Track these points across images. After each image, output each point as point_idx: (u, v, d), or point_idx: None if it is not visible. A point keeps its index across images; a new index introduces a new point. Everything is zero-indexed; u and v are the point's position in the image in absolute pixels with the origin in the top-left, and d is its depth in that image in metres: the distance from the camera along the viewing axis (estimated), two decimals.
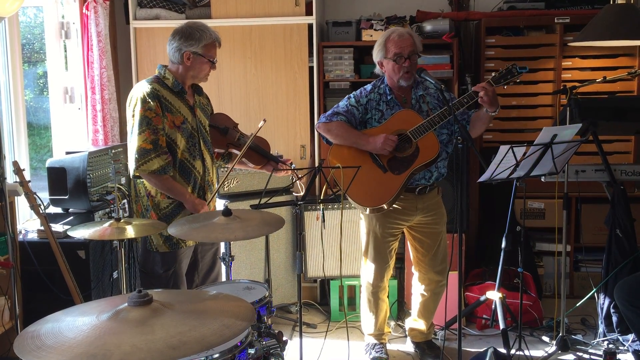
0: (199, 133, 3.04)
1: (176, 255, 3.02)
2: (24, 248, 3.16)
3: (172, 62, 2.98)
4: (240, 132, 3.27)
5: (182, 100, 2.98)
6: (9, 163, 3.01)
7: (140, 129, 2.83)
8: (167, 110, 2.89)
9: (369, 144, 3.15)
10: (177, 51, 2.93)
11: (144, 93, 2.86)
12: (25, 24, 4.08)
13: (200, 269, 3.21)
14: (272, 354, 2.40)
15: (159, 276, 3.00)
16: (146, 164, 2.84)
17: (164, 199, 2.96)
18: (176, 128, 2.91)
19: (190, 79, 3.01)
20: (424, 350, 3.55)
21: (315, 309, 4.31)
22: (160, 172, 2.86)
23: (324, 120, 3.25)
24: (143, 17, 4.31)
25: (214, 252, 3.25)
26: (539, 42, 4.35)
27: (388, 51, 3.16)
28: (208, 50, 2.95)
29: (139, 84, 2.95)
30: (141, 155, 2.83)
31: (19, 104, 3.60)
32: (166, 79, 2.95)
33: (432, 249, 3.38)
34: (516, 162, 2.94)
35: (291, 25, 4.20)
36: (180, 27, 2.96)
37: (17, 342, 1.44)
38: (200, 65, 2.96)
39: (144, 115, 2.83)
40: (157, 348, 1.38)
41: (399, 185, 3.15)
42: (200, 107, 3.10)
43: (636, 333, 3.15)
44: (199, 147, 3.03)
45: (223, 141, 3.21)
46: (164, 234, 2.94)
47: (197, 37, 2.91)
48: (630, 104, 3.79)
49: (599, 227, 4.25)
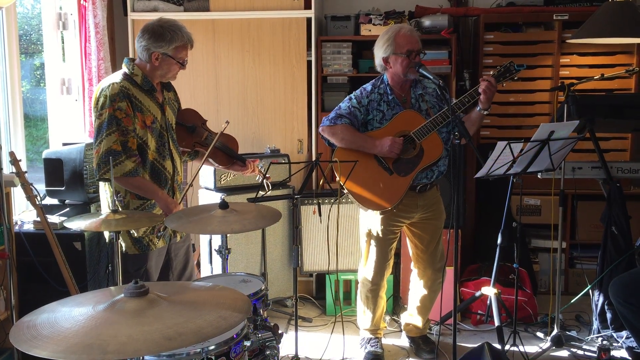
0: (168, 132, 2.90)
1: (146, 256, 2.90)
2: (20, 239, 3.16)
3: (140, 59, 2.82)
4: (208, 129, 3.12)
5: (152, 98, 2.83)
6: (5, 154, 3.00)
7: (109, 130, 2.67)
8: (137, 109, 2.74)
9: (376, 147, 3.14)
10: (145, 50, 2.76)
11: (113, 92, 2.70)
12: (23, 15, 4.06)
13: (175, 268, 3.09)
14: (267, 347, 2.41)
15: (130, 275, 2.83)
16: (118, 166, 2.68)
17: (133, 199, 2.83)
18: (147, 128, 2.77)
19: (158, 78, 2.85)
20: (419, 345, 3.56)
21: (311, 303, 4.32)
22: (133, 173, 2.72)
23: (328, 124, 3.21)
24: (141, 9, 4.30)
25: (187, 250, 3.14)
26: (537, 38, 4.35)
27: (399, 46, 3.12)
28: (178, 52, 2.79)
29: (106, 82, 2.78)
30: (112, 157, 2.65)
31: (15, 95, 3.59)
32: (135, 75, 2.79)
33: (432, 245, 3.39)
34: (513, 158, 2.95)
35: (290, 19, 4.19)
36: (151, 24, 2.78)
37: (13, 332, 1.44)
38: (169, 67, 2.81)
39: (113, 115, 2.67)
40: (153, 339, 1.38)
41: (406, 186, 3.16)
42: (168, 104, 2.95)
43: (630, 330, 3.16)
44: (168, 146, 2.90)
45: (190, 140, 3.06)
46: (134, 235, 2.84)
47: (167, 39, 2.74)
48: (627, 101, 3.80)
49: (594, 224, 4.27)
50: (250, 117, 4.27)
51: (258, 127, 4.28)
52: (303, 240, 4.14)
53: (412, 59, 3.12)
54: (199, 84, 4.29)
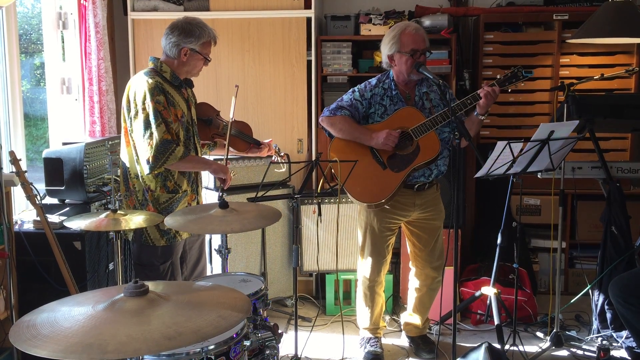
0: (193, 127, 3.06)
1: (173, 247, 3.03)
2: (20, 238, 3.15)
3: (168, 55, 2.96)
4: (222, 119, 3.29)
5: (180, 94, 2.98)
6: (5, 153, 3.00)
7: (157, 122, 2.81)
8: (170, 103, 2.89)
9: (372, 139, 3.15)
10: (175, 46, 2.91)
11: (151, 86, 2.83)
12: (23, 14, 4.06)
13: (188, 261, 3.22)
14: (267, 346, 2.41)
15: (156, 268, 3.00)
16: (173, 154, 2.84)
17: (163, 193, 2.96)
18: (178, 121, 2.92)
19: (184, 74, 3.01)
20: (419, 344, 3.56)
21: (311, 302, 4.32)
22: (187, 153, 2.90)
23: (328, 114, 3.25)
24: (141, 9, 4.30)
25: (200, 244, 3.27)
26: (537, 38, 4.35)
27: (404, 45, 3.12)
28: (205, 47, 2.96)
29: (139, 77, 2.91)
30: (166, 146, 2.82)
31: (15, 94, 3.59)
32: (164, 72, 2.94)
33: (430, 245, 3.39)
34: (513, 158, 2.95)
35: (290, 18, 4.19)
36: (179, 21, 2.94)
37: (13, 332, 1.44)
38: (196, 62, 2.97)
39: (155, 108, 2.82)
40: (153, 338, 1.38)
41: (398, 182, 3.15)
42: (191, 101, 3.12)
43: (630, 330, 3.16)
44: (193, 140, 3.05)
45: (208, 132, 3.24)
46: (161, 227, 2.94)
47: (196, 35, 2.90)
48: (627, 101, 3.80)
49: (594, 224, 4.27)
50: (250, 116, 4.27)
51: (258, 127, 4.27)
52: (303, 240, 4.14)
53: (416, 58, 3.11)
54: (199, 84, 4.26)
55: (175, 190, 2.98)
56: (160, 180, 2.95)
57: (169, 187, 2.97)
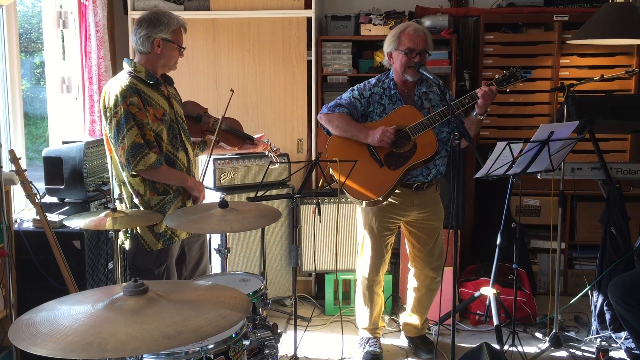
0: (178, 124, 2.98)
1: (169, 250, 2.98)
2: (19, 237, 3.16)
3: (141, 52, 2.88)
4: (212, 116, 3.28)
5: (159, 92, 2.90)
6: (5, 152, 3.00)
7: (128, 125, 2.74)
8: (147, 104, 2.80)
9: (368, 136, 3.15)
10: (146, 39, 2.83)
11: (122, 89, 2.76)
12: (23, 13, 4.06)
13: (188, 262, 3.16)
14: (266, 346, 2.41)
15: (151, 273, 2.93)
16: (143, 159, 2.75)
17: (153, 196, 2.89)
18: (159, 121, 2.84)
19: (160, 68, 2.93)
20: (418, 345, 3.56)
21: (310, 302, 4.32)
22: (158, 164, 2.80)
23: (326, 111, 3.26)
24: (141, 8, 4.29)
25: (201, 244, 3.21)
26: (537, 39, 4.35)
27: (401, 43, 3.15)
28: (177, 35, 2.89)
29: (113, 81, 2.85)
30: (136, 150, 2.75)
31: (15, 93, 3.59)
32: (139, 72, 2.85)
33: (429, 245, 3.39)
34: (513, 158, 2.95)
35: (290, 18, 4.19)
36: (145, 15, 2.87)
37: (12, 330, 1.44)
38: (170, 52, 2.89)
39: (127, 111, 2.74)
40: (153, 337, 1.38)
41: (394, 180, 3.15)
42: (174, 98, 3.03)
43: (629, 331, 3.16)
44: (180, 138, 2.97)
45: (198, 129, 3.22)
46: (156, 230, 2.90)
47: (165, 23, 2.83)
48: (627, 102, 3.80)
49: (593, 225, 4.27)
50: (250, 116, 4.27)
51: (258, 127, 4.27)
52: (302, 239, 4.14)
53: (410, 58, 3.12)
54: (199, 83, 4.29)
55: (165, 191, 2.91)
56: (149, 183, 2.88)
57: (158, 189, 2.89)
